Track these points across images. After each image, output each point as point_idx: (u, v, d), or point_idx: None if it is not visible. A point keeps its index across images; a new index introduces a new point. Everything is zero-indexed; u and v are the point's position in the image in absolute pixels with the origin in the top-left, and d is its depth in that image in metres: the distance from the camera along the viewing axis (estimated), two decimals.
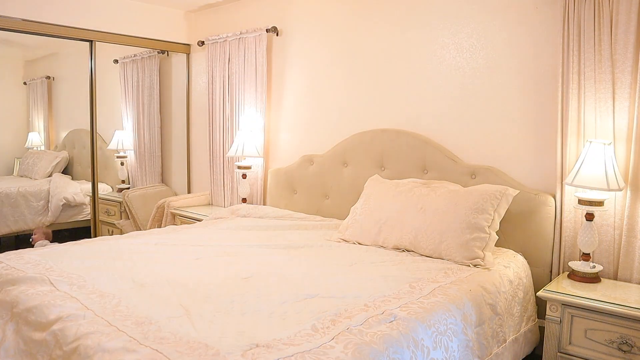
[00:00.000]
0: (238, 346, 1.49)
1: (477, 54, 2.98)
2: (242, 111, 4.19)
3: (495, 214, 2.55)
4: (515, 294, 2.42)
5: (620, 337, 2.12)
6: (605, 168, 2.31)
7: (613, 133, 2.44)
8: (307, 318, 1.72)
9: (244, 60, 4.12)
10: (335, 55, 3.66)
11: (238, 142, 3.97)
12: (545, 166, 2.74)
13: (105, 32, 4.18)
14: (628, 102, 2.39)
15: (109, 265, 2.32)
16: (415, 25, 3.23)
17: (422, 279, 2.21)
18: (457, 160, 3.03)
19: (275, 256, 2.55)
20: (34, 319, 1.81)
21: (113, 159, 4.76)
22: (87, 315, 1.73)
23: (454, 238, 2.51)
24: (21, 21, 3.70)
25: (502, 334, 2.25)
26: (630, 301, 2.17)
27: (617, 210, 2.46)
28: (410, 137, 3.20)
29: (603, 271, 2.48)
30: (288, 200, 3.87)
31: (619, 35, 2.37)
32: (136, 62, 4.79)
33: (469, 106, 3.02)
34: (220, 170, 4.37)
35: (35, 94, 4.42)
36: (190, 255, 2.53)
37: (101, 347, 1.51)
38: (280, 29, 3.98)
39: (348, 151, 3.51)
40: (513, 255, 2.63)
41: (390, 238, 2.73)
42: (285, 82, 4.00)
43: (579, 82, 2.52)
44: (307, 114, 3.88)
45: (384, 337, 1.62)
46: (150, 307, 1.81)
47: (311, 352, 1.48)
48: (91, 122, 4.23)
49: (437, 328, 1.83)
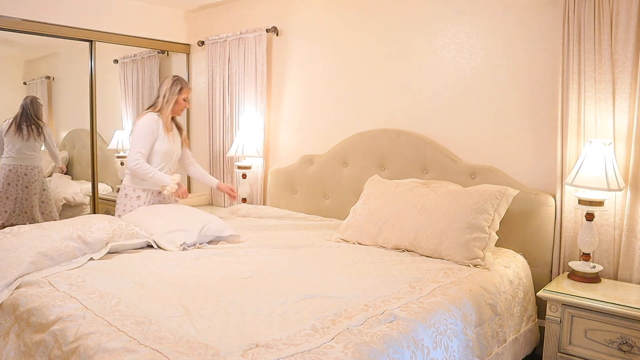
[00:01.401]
0: (238, 346, 1.48)
1: (477, 54, 2.98)
2: (242, 111, 4.19)
3: (495, 214, 2.55)
4: (515, 293, 2.42)
5: (621, 337, 2.12)
6: (605, 168, 2.31)
7: (613, 133, 2.44)
8: (307, 318, 1.72)
9: (244, 60, 4.12)
10: (335, 55, 3.66)
11: (238, 142, 3.97)
12: (545, 166, 2.74)
13: (105, 32, 4.18)
14: (628, 102, 2.39)
15: (109, 265, 2.32)
16: (415, 25, 3.22)
17: (422, 278, 2.21)
18: (457, 160, 3.03)
19: (275, 256, 2.54)
20: (34, 320, 1.81)
21: (113, 159, 4.75)
22: (87, 316, 1.73)
23: (454, 238, 2.51)
24: (21, 21, 3.70)
25: (502, 334, 2.25)
26: (630, 301, 2.17)
27: (617, 210, 2.46)
28: (410, 137, 3.20)
29: (603, 271, 2.48)
30: (288, 200, 3.87)
31: (619, 35, 2.37)
32: (136, 62, 4.79)
33: (469, 106, 3.02)
34: (220, 170, 4.37)
35: (35, 94, 4.40)
36: (190, 255, 2.53)
37: (101, 347, 1.51)
38: (280, 29, 3.98)
39: (348, 151, 3.51)
40: (513, 255, 2.63)
41: (390, 238, 2.73)
42: (285, 82, 4.00)
43: (579, 82, 2.51)
44: (307, 114, 3.88)
45: (384, 337, 1.62)
46: (150, 307, 1.80)
47: (311, 352, 1.47)
48: (91, 122, 4.23)
49: (437, 328, 1.83)
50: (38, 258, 2.17)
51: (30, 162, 3.99)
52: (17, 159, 3.94)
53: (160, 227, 2.71)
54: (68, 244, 2.31)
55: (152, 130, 3.11)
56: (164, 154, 3.17)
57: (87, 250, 2.38)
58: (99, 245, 2.43)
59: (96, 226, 2.48)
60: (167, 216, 2.83)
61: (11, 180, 3.91)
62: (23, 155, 3.95)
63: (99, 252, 2.41)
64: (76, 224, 2.47)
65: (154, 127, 3.12)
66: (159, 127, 3.14)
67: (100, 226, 2.50)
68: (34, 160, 4.01)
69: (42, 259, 2.19)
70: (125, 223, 2.62)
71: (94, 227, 2.47)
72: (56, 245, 2.27)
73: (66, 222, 2.55)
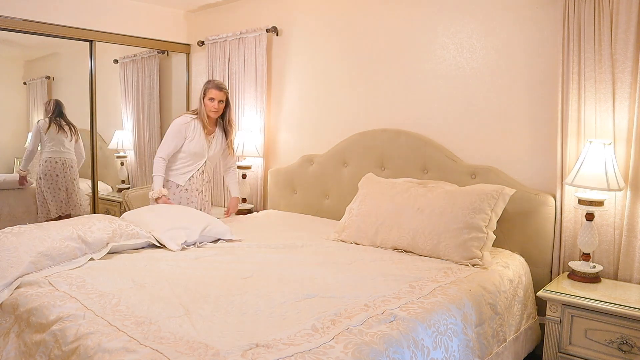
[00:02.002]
0: (238, 346, 1.48)
1: (477, 54, 2.98)
2: (242, 111, 4.19)
3: (492, 214, 2.55)
4: (515, 292, 2.42)
5: (621, 337, 2.12)
6: (605, 168, 2.31)
7: (613, 133, 2.44)
8: (307, 318, 1.72)
9: (244, 60, 4.12)
10: (335, 55, 3.66)
11: (238, 142, 3.97)
12: (546, 166, 2.74)
13: (105, 32, 4.18)
14: (628, 102, 2.39)
15: (109, 265, 2.32)
16: (415, 25, 3.22)
17: (422, 278, 2.21)
18: (457, 160, 3.03)
19: (275, 256, 2.54)
20: (34, 320, 1.81)
21: (113, 159, 4.75)
22: (87, 316, 1.73)
23: (452, 238, 2.51)
24: (21, 21, 3.70)
25: (502, 333, 2.25)
26: (630, 301, 2.17)
27: (617, 210, 2.46)
28: (410, 137, 3.20)
29: (603, 271, 2.48)
30: (288, 200, 3.87)
31: (619, 35, 2.37)
32: (136, 62, 4.78)
33: (469, 106, 3.02)
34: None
35: (35, 94, 4.41)
36: (190, 255, 2.53)
37: (101, 347, 1.51)
38: (280, 29, 3.98)
39: (348, 151, 3.51)
40: (510, 255, 2.64)
41: (387, 239, 2.73)
42: (285, 82, 4.00)
43: (579, 82, 2.51)
44: (307, 113, 3.88)
45: (384, 337, 1.62)
46: (150, 307, 1.80)
47: (311, 352, 1.47)
48: (91, 122, 4.23)
49: (437, 328, 1.83)
50: (38, 258, 2.17)
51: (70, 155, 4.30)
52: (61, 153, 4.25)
53: (162, 224, 2.72)
54: (68, 244, 2.31)
55: (179, 132, 3.28)
56: (190, 155, 3.31)
57: (87, 250, 2.38)
58: (99, 246, 2.43)
59: (96, 226, 2.49)
60: (170, 214, 2.84)
61: (59, 172, 4.23)
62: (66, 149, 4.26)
63: (99, 252, 2.41)
64: (77, 223, 2.48)
65: (181, 129, 3.27)
66: (188, 128, 3.28)
67: (100, 226, 2.50)
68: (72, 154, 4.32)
69: (42, 259, 2.18)
70: (125, 223, 2.62)
71: (94, 227, 2.47)
72: (56, 245, 2.27)
73: (67, 221, 2.55)
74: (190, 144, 3.28)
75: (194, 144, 3.28)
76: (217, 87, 3.27)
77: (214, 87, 3.26)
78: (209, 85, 3.29)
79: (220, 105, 3.30)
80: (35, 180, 4.21)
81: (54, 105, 4.22)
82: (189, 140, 3.27)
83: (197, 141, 3.29)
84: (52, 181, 4.21)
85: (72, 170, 4.31)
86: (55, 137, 4.18)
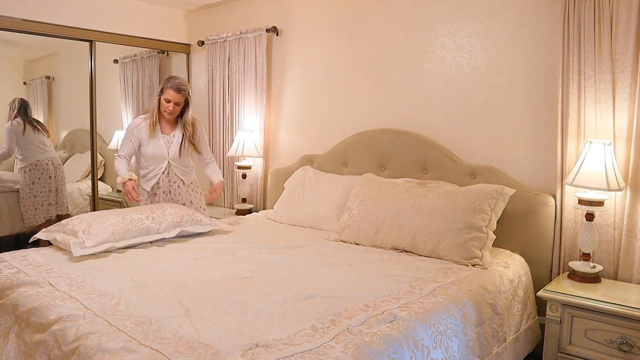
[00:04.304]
0: (238, 346, 1.49)
1: (477, 54, 2.98)
2: (242, 111, 4.19)
3: (492, 214, 2.55)
4: (515, 292, 2.42)
5: (621, 337, 2.12)
6: (605, 168, 2.31)
7: (613, 133, 2.44)
8: (307, 318, 1.72)
9: (244, 60, 4.12)
10: (335, 55, 3.66)
11: (238, 142, 3.97)
12: (546, 166, 2.74)
13: (105, 32, 4.18)
14: (628, 102, 2.39)
15: (109, 265, 2.33)
16: (415, 25, 3.22)
17: (422, 278, 2.21)
18: (457, 160, 3.03)
19: (275, 256, 2.54)
20: (34, 320, 1.81)
21: (113, 159, 4.75)
22: (87, 316, 1.73)
23: (452, 238, 2.51)
24: (21, 21, 3.70)
25: (502, 333, 2.25)
26: (630, 301, 2.17)
27: (617, 210, 2.46)
28: (410, 137, 3.20)
29: (603, 271, 2.48)
30: None
31: (619, 35, 2.37)
32: (136, 62, 4.79)
33: (469, 106, 3.02)
34: (220, 170, 4.36)
35: (35, 94, 4.41)
36: (189, 255, 2.53)
37: (101, 347, 1.51)
38: (280, 29, 3.98)
39: (348, 151, 3.51)
40: (510, 255, 2.64)
41: (387, 239, 2.73)
42: (285, 82, 4.00)
43: (579, 82, 2.51)
44: (307, 114, 3.88)
45: (384, 337, 1.62)
46: (150, 307, 1.81)
47: (311, 352, 1.48)
48: (91, 122, 4.23)
49: (437, 328, 1.83)
50: (118, 228, 2.59)
51: (54, 154, 4.22)
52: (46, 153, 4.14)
53: None
54: (145, 223, 2.71)
55: (131, 133, 3.10)
56: (150, 158, 3.13)
57: (160, 229, 2.75)
58: (170, 227, 2.80)
59: (169, 211, 2.87)
60: None
61: (51, 173, 4.16)
62: (49, 148, 4.17)
63: (169, 232, 2.78)
64: (153, 208, 2.87)
65: (133, 132, 3.10)
66: (140, 131, 3.07)
67: (172, 211, 2.88)
68: (55, 153, 4.23)
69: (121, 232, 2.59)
70: (192, 211, 3.01)
71: (167, 212, 2.85)
72: (134, 223, 2.67)
73: (144, 207, 2.92)
74: (147, 147, 3.08)
75: (150, 147, 3.07)
76: (176, 88, 2.97)
77: (172, 88, 2.97)
78: (167, 84, 2.99)
79: (176, 108, 3.03)
80: (22, 188, 4.04)
81: (18, 104, 4.02)
82: (144, 143, 3.08)
83: (154, 143, 3.07)
84: (44, 184, 4.10)
85: (61, 169, 4.21)
86: (34, 138, 4.03)
